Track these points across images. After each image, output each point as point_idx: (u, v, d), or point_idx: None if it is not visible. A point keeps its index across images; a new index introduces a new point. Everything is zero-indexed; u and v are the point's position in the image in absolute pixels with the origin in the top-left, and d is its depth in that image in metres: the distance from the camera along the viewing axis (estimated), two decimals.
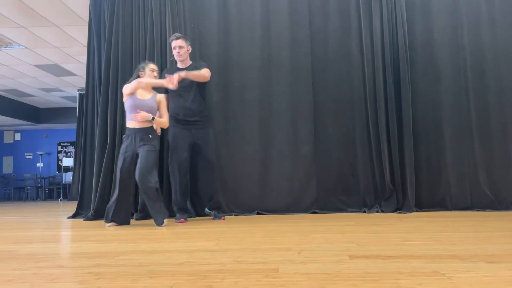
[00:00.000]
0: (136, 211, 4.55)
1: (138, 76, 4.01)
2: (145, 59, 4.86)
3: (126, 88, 3.89)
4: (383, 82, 4.78)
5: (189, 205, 4.57)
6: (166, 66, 4.82)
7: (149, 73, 3.97)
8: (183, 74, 3.91)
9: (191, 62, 4.31)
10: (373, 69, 4.82)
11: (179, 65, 4.26)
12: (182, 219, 4.02)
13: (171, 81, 3.77)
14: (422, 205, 4.66)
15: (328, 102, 4.92)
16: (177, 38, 4.10)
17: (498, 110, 4.76)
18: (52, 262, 2.01)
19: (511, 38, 4.82)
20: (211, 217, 4.36)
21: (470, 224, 3.25)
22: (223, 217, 4.25)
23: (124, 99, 3.93)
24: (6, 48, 8.16)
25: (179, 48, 4.09)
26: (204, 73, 4.08)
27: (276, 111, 4.92)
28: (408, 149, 4.64)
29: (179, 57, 4.13)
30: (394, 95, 4.76)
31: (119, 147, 4.71)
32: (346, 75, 4.94)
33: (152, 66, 4.02)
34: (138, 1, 5.00)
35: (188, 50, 4.18)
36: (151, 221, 4.28)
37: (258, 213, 4.69)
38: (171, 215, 4.34)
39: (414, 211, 4.51)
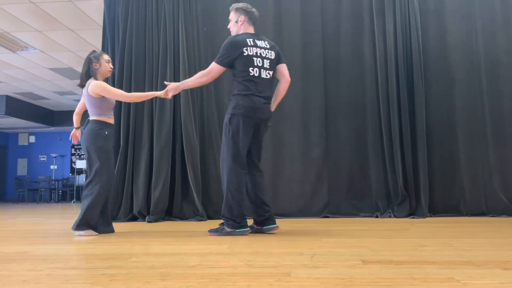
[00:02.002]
0: (148, 213, 4.58)
1: (89, 68, 3.45)
2: (158, 62, 4.90)
3: (117, 95, 3.42)
4: (396, 85, 4.74)
5: (200, 208, 4.58)
6: (178, 69, 4.84)
7: (104, 64, 3.51)
8: (177, 83, 3.36)
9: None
10: (386, 73, 4.79)
11: None
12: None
13: (169, 93, 3.35)
14: (435, 210, 4.60)
15: (340, 105, 4.90)
16: (230, 11, 3.44)
17: None
18: (65, 263, 2.03)
19: None
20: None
21: (485, 230, 3.20)
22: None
23: (95, 94, 3.38)
24: (21, 52, 8.29)
25: (229, 22, 3.45)
26: (196, 78, 3.31)
27: (287, 114, 4.91)
28: (422, 153, 4.59)
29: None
30: (407, 98, 4.72)
31: (132, 150, 4.76)
32: (359, 78, 4.91)
33: (107, 56, 3.56)
34: (151, 6, 5.04)
35: (238, 21, 3.35)
36: (163, 223, 4.30)
37: None
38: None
39: (427, 216, 4.46)
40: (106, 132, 3.42)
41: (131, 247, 2.56)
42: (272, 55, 3.29)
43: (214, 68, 3.25)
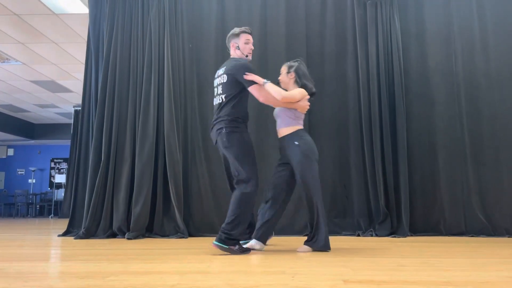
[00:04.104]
0: (128, 230, 4.49)
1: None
2: (142, 77, 4.88)
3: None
4: (378, 106, 4.82)
5: (181, 225, 4.52)
6: (163, 85, 4.83)
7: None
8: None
9: None
10: (369, 93, 4.87)
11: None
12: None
13: None
14: (416, 229, 4.64)
15: (323, 124, 4.95)
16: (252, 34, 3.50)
17: (491, 135, 4.80)
18: (41, 282, 1.97)
19: (504, 65, 4.90)
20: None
21: (465, 250, 3.23)
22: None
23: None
24: (3, 64, 8.18)
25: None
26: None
27: (271, 131, 4.90)
28: (403, 172, 4.65)
29: (251, 51, 3.46)
30: (389, 118, 4.80)
31: (113, 165, 4.69)
32: (342, 98, 4.98)
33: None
34: (137, 21, 5.04)
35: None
36: (143, 240, 4.22)
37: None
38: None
39: (408, 235, 4.49)
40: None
41: (109, 265, 2.50)
42: (223, 78, 3.29)
43: None
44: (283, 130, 3.34)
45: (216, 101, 3.36)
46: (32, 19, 6.27)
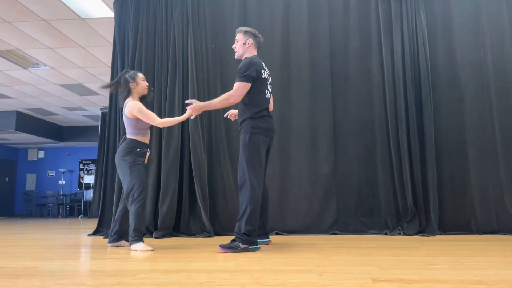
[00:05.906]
0: (155, 229, 4.56)
1: (129, 88, 3.59)
2: (167, 79, 4.94)
3: (141, 112, 3.49)
4: (404, 102, 4.73)
5: (207, 224, 4.56)
6: (187, 86, 4.88)
7: (141, 83, 3.63)
8: (202, 104, 3.38)
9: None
10: (394, 90, 4.78)
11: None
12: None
13: (192, 113, 3.38)
14: (445, 228, 4.54)
15: (348, 121, 4.89)
16: (237, 33, 3.59)
17: None
18: (73, 280, 2.02)
19: None
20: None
21: (497, 248, 3.14)
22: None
23: (131, 115, 3.52)
24: (33, 68, 8.42)
25: (235, 42, 3.58)
26: (223, 99, 3.33)
27: (296, 130, 4.90)
28: (431, 170, 4.55)
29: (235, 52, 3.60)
30: (416, 115, 4.70)
31: None
32: (367, 95, 4.91)
33: (141, 75, 3.68)
34: (161, 23, 5.11)
35: (245, 44, 3.50)
36: (170, 239, 4.27)
37: (277, 234, 4.63)
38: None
39: (437, 234, 4.39)
40: (138, 149, 3.53)
41: (138, 263, 2.54)
42: (271, 81, 3.61)
43: (240, 87, 3.30)
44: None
45: (271, 98, 3.55)
46: (60, 24, 6.43)
